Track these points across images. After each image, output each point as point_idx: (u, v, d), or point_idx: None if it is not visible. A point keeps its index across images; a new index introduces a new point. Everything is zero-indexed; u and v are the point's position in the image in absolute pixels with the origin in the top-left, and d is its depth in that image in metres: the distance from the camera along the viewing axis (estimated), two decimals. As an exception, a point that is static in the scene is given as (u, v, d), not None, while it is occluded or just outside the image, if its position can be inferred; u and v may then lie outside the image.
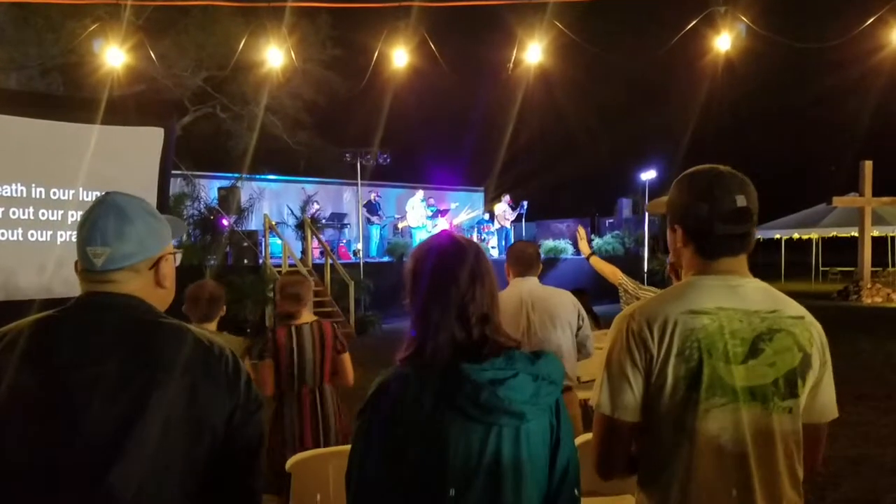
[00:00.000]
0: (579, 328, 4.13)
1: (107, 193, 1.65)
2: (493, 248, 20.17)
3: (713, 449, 1.76)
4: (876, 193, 22.13)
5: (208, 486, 1.54)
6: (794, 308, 1.85)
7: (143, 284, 1.64)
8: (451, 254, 1.72)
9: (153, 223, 1.66)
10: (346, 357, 4.02)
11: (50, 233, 8.69)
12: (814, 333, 1.83)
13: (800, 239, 30.86)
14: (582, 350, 4.18)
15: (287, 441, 3.86)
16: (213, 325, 3.82)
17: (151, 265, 1.65)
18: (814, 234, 29.95)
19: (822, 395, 1.85)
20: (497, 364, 1.61)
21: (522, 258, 4.09)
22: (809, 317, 1.86)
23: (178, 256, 1.79)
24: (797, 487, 1.82)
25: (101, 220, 1.59)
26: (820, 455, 1.93)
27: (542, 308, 3.97)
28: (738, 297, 1.81)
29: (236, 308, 12.98)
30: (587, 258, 5.17)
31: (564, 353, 3.99)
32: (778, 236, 30.03)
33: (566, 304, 4.10)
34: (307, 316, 4.05)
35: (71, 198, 8.76)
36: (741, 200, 1.81)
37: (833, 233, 28.62)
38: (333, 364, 3.98)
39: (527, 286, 4.00)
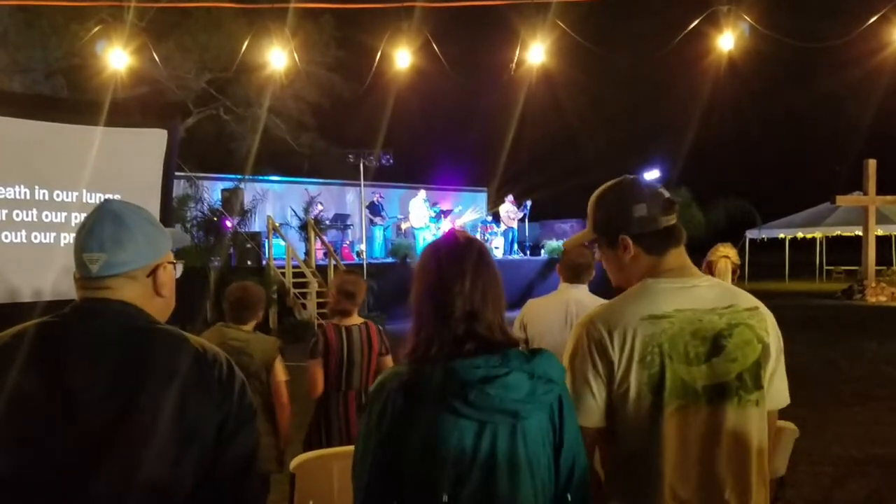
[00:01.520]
0: None
1: (105, 200, 1.65)
2: (496, 248, 20.15)
3: (682, 450, 1.76)
4: (880, 192, 22.09)
5: (201, 496, 1.52)
6: (748, 300, 1.89)
7: (140, 292, 1.62)
8: (445, 253, 1.74)
9: (151, 231, 1.65)
10: (390, 359, 4.04)
11: (53, 235, 8.69)
12: (769, 323, 1.88)
13: (804, 238, 30.83)
14: None
15: (335, 441, 3.87)
16: (249, 327, 3.84)
17: (149, 273, 1.64)
18: (818, 234, 29.93)
19: (777, 382, 1.89)
20: (491, 362, 1.61)
21: (573, 265, 4.10)
22: (763, 307, 1.90)
23: (180, 267, 1.76)
24: (766, 479, 1.84)
25: (97, 227, 1.59)
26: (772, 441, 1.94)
27: None
28: (692, 297, 1.83)
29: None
30: None
31: None
32: (782, 236, 30.02)
33: None
34: (356, 317, 4.08)
35: (74, 200, 8.76)
36: (665, 192, 1.91)
37: (837, 232, 28.61)
38: (378, 366, 4.02)
39: (574, 294, 4.02)
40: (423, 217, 19.22)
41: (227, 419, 1.55)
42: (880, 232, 24.45)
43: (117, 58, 10.07)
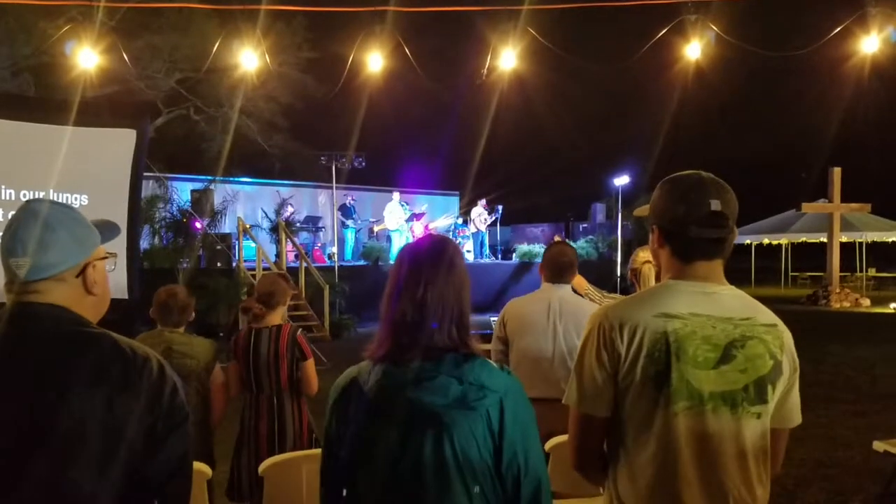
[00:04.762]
0: None
1: (29, 200, 1.62)
2: (467, 252, 20.20)
3: (680, 450, 1.78)
4: (844, 200, 22.45)
5: (131, 500, 1.51)
6: (768, 316, 1.88)
7: (70, 293, 1.60)
8: (409, 257, 1.76)
9: (77, 230, 1.61)
10: (308, 364, 3.90)
11: (20, 235, 8.58)
12: (785, 341, 1.87)
13: (770, 244, 31.22)
14: None
15: (244, 445, 3.85)
16: (181, 330, 3.80)
17: (78, 273, 1.61)
18: (783, 240, 30.31)
19: (789, 401, 1.89)
20: (426, 366, 1.63)
21: (556, 264, 3.98)
22: (781, 325, 1.89)
23: (114, 261, 1.72)
24: (763, 491, 1.85)
25: (21, 230, 1.56)
26: (780, 459, 1.96)
27: (569, 317, 3.87)
28: (712, 303, 1.84)
29: (210, 312, 12.89)
30: None
31: None
32: (748, 242, 30.37)
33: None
34: (273, 319, 3.98)
35: (42, 200, 8.66)
36: (716, 205, 1.84)
37: (802, 238, 28.98)
38: (293, 371, 3.88)
39: (557, 293, 3.91)
40: (399, 219, 19.18)
41: (157, 422, 1.53)
42: (845, 239, 24.83)
43: (86, 56, 9.95)
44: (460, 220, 21.94)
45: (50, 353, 1.50)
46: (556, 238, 5.74)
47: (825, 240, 23.38)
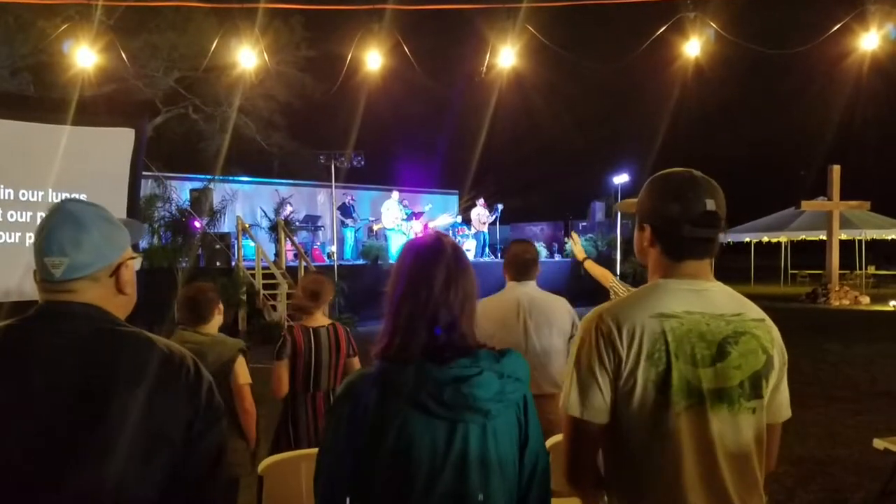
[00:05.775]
0: (571, 336, 4.10)
1: (62, 201, 1.63)
2: (468, 251, 20.18)
3: (684, 451, 1.77)
4: (843, 197, 22.47)
5: (169, 496, 1.51)
6: (756, 311, 1.89)
7: (103, 293, 1.61)
8: (430, 256, 1.74)
9: (109, 230, 1.63)
10: (357, 362, 4.07)
11: (19, 234, 8.56)
12: (774, 336, 1.87)
13: (769, 242, 31.26)
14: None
15: (303, 443, 3.86)
16: (210, 328, 3.73)
17: (111, 272, 1.63)
18: (783, 238, 30.34)
19: (779, 395, 1.89)
20: (462, 363, 1.63)
21: (521, 262, 4.02)
22: (768, 320, 1.90)
23: (138, 261, 1.75)
24: (760, 486, 1.85)
25: (56, 230, 1.57)
26: (775, 455, 1.95)
27: (540, 313, 3.91)
28: (704, 300, 1.83)
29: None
30: (581, 262, 5.14)
31: (557, 359, 3.95)
32: (748, 240, 30.41)
33: (562, 311, 4.06)
34: (322, 319, 4.09)
35: (40, 199, 8.64)
36: (711, 205, 1.83)
37: (802, 236, 29.02)
38: (345, 368, 4.05)
39: (525, 291, 3.95)
40: (396, 219, 19.17)
41: (195, 420, 1.55)
42: (844, 236, 24.86)
43: (85, 55, 9.93)
44: (459, 219, 21.92)
45: (89, 353, 1.51)
46: (522, 240, 5.60)
47: (824, 237, 23.39)
